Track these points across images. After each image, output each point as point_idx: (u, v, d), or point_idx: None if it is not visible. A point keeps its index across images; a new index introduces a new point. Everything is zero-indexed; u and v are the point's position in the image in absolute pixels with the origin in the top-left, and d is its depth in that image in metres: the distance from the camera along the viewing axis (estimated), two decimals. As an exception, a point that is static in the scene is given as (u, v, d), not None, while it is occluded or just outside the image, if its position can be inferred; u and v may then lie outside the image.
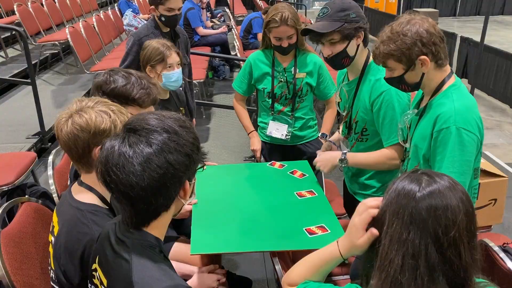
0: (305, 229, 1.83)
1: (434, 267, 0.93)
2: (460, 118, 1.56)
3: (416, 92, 1.87)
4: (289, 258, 2.03)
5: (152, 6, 2.98)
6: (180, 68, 2.51)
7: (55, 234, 1.41)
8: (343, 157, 2.02)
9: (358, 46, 1.95)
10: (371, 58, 1.97)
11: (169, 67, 2.44)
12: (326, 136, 2.33)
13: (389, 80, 1.72)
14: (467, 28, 14.24)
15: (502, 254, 1.76)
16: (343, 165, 2.03)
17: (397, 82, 1.70)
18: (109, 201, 1.45)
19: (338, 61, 1.96)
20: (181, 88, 2.79)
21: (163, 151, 1.02)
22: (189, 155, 1.06)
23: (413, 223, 0.95)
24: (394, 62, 1.63)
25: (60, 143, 1.40)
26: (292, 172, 2.34)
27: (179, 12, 3.00)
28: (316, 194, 2.12)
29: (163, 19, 2.99)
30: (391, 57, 1.61)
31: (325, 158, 2.10)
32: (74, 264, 1.33)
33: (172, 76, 2.45)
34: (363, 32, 1.93)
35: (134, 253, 1.07)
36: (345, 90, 2.12)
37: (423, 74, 1.63)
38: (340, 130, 2.25)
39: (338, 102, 2.20)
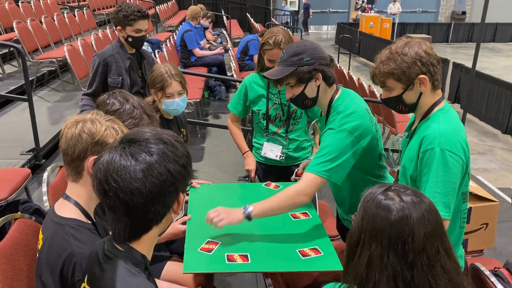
0: (298, 251, 1.83)
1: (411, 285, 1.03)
2: (444, 140, 1.60)
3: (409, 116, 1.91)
4: (282, 279, 2.03)
5: (119, 27, 2.98)
6: (183, 96, 2.54)
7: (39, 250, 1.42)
8: (247, 206, 1.85)
9: (318, 86, 1.95)
10: (336, 96, 2.00)
11: (168, 96, 2.48)
12: None
13: (386, 101, 1.75)
14: (459, 54, 14.53)
15: (493, 279, 1.78)
16: (246, 215, 1.84)
17: (395, 102, 1.73)
18: (92, 216, 1.46)
19: (300, 102, 1.99)
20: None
21: (163, 160, 1.07)
22: (185, 166, 1.11)
23: (391, 247, 1.04)
24: (393, 81, 1.67)
25: (60, 142, 1.44)
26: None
27: (145, 33, 3.05)
28: (310, 216, 2.13)
29: (130, 40, 3.00)
30: (391, 76, 1.66)
31: (229, 210, 1.88)
32: (54, 280, 1.33)
33: (171, 105, 2.50)
34: (320, 74, 1.92)
35: (120, 269, 1.09)
36: (317, 125, 2.16)
37: (421, 94, 1.67)
38: None
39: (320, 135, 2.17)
